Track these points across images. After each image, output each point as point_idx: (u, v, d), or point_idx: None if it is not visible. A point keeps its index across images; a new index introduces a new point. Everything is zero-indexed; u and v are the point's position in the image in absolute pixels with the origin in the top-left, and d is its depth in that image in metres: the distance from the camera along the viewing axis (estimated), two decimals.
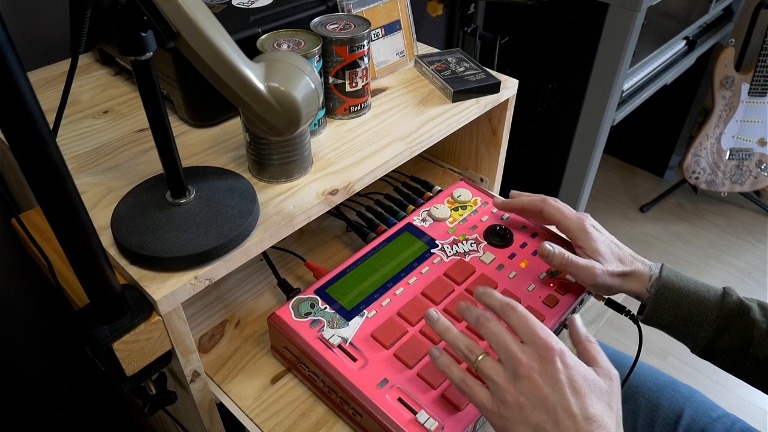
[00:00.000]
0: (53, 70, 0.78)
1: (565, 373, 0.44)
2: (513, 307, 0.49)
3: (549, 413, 0.43)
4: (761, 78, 1.72)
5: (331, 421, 0.58)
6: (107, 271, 0.44)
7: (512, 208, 0.70)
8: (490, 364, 0.47)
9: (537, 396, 0.44)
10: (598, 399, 0.44)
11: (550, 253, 0.61)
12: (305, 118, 0.47)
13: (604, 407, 0.44)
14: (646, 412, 0.73)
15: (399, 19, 0.77)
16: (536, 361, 0.45)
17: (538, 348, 0.46)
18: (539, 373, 0.45)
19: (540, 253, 0.63)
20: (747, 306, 0.58)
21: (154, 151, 0.50)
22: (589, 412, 0.43)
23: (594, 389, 0.45)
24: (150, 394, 0.55)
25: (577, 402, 0.43)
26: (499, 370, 0.47)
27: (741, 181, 1.90)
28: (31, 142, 0.34)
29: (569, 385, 0.44)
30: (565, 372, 0.44)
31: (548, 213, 0.65)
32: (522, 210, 0.69)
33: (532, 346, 0.46)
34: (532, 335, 0.47)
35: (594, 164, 1.44)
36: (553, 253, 0.61)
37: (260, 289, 0.73)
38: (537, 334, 0.46)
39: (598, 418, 0.43)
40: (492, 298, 0.51)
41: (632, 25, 1.19)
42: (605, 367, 0.48)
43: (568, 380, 0.44)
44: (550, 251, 0.61)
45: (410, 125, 0.69)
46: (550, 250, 0.62)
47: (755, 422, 0.74)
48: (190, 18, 0.41)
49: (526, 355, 0.46)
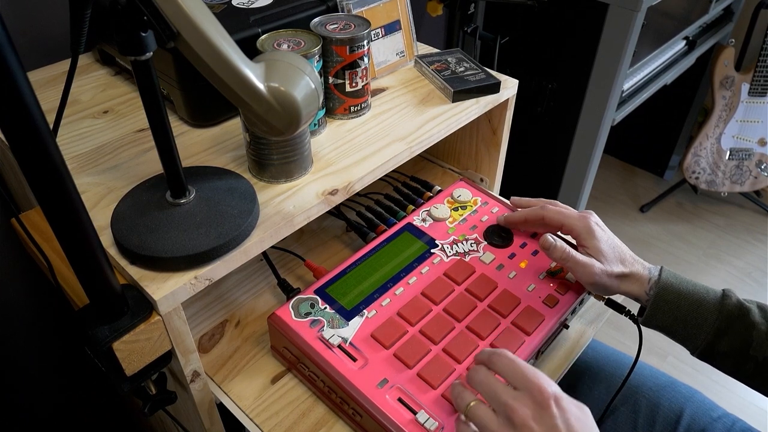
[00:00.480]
0: (53, 70, 0.78)
1: (561, 417, 0.44)
2: (499, 354, 0.49)
3: None
4: (761, 78, 1.72)
5: (331, 421, 0.58)
6: (107, 271, 0.44)
7: (516, 223, 0.69)
8: (482, 411, 0.47)
9: None
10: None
11: (551, 246, 0.61)
12: (305, 118, 0.47)
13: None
14: (647, 412, 0.73)
15: (399, 19, 0.77)
16: (531, 408, 0.45)
17: (532, 393, 0.45)
18: (535, 420, 0.44)
19: (541, 245, 0.63)
20: (747, 308, 0.57)
21: (154, 151, 0.50)
22: None
23: (586, 427, 0.45)
24: (150, 394, 0.55)
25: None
26: (491, 419, 0.46)
27: (741, 181, 1.90)
28: (31, 142, 0.34)
29: (566, 430, 0.44)
30: (561, 416, 0.45)
31: (550, 218, 0.65)
32: (525, 222, 0.69)
33: (525, 392, 0.46)
34: (524, 380, 0.46)
35: (594, 164, 1.44)
36: (555, 246, 0.61)
37: (260, 289, 0.73)
38: (529, 379, 0.46)
39: None
40: (480, 354, 0.52)
41: (632, 25, 1.19)
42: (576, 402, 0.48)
43: (564, 424, 0.44)
44: (551, 243, 0.62)
45: (410, 125, 0.69)
46: (551, 242, 0.62)
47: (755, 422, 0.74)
48: (190, 18, 0.41)
49: (520, 402, 0.45)
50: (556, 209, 0.65)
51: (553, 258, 0.62)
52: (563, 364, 0.65)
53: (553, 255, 0.62)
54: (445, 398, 0.54)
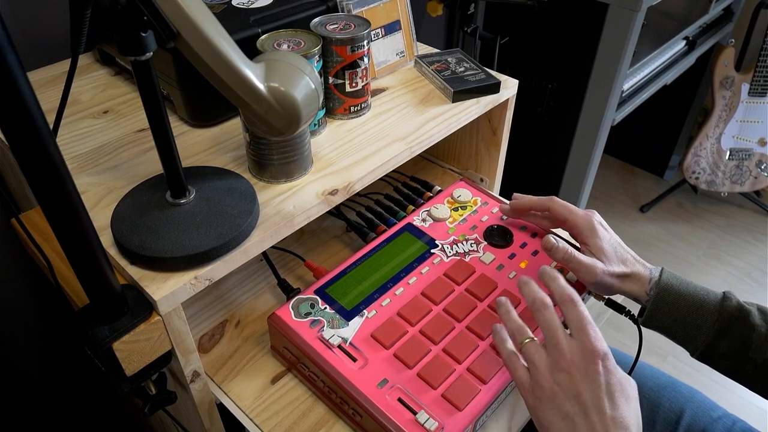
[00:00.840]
0: (53, 70, 0.78)
1: (605, 376, 0.47)
2: (574, 302, 0.50)
3: (580, 406, 0.46)
4: (761, 78, 1.72)
5: (331, 421, 0.58)
6: (107, 271, 0.44)
7: (520, 209, 0.70)
8: (535, 349, 0.50)
9: (572, 389, 0.46)
10: (627, 404, 0.47)
11: (553, 246, 0.62)
12: (305, 118, 0.47)
13: (631, 412, 0.47)
14: (647, 413, 0.73)
15: (399, 19, 0.77)
16: (579, 358, 0.47)
17: (584, 349, 0.47)
18: (579, 370, 0.47)
19: (543, 245, 0.63)
20: (747, 310, 0.57)
21: (154, 151, 0.50)
22: (617, 414, 0.46)
23: (625, 394, 0.47)
24: (150, 394, 0.55)
25: (610, 404, 0.46)
26: (542, 356, 0.49)
27: (741, 181, 1.90)
28: (31, 142, 0.34)
29: (606, 389, 0.46)
30: (605, 375, 0.47)
31: (556, 210, 0.65)
32: (530, 209, 0.69)
33: (580, 343, 0.48)
34: (583, 335, 0.48)
35: (594, 164, 1.44)
36: (557, 247, 0.61)
37: (260, 289, 0.73)
38: (588, 336, 0.48)
39: (624, 421, 0.45)
40: (555, 284, 0.53)
41: (632, 25, 1.19)
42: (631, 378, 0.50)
43: (606, 383, 0.46)
44: (553, 244, 0.62)
45: (410, 125, 0.69)
46: (554, 243, 0.62)
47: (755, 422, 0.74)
48: (190, 18, 0.41)
49: (572, 351, 0.48)
50: (563, 203, 0.66)
51: (556, 259, 0.62)
52: None
53: (556, 256, 0.62)
54: (445, 398, 0.54)
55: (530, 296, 0.52)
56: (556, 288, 0.52)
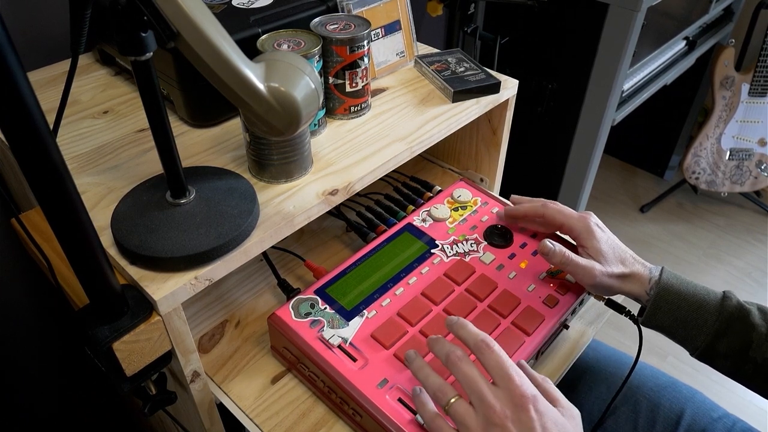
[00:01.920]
0: (53, 70, 0.78)
1: (539, 421, 0.45)
2: (489, 346, 0.49)
3: None
4: (761, 78, 1.72)
5: (331, 421, 0.58)
6: (107, 271, 0.44)
7: (515, 218, 0.70)
8: (463, 409, 0.47)
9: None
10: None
11: (550, 251, 0.61)
12: (305, 118, 0.47)
13: None
14: (647, 413, 0.73)
15: (399, 19, 0.77)
16: (510, 408, 0.45)
17: (512, 395, 0.46)
18: (513, 422, 0.45)
19: (540, 250, 0.63)
20: (747, 310, 0.57)
21: (154, 151, 0.50)
22: None
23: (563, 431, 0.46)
24: (150, 394, 0.55)
25: None
26: (471, 416, 0.47)
27: (741, 181, 1.90)
28: (31, 142, 0.34)
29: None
30: (539, 420, 0.45)
31: (550, 216, 0.65)
32: (524, 217, 0.69)
33: (506, 391, 0.46)
34: (507, 381, 0.47)
35: (594, 164, 1.44)
36: (554, 251, 0.61)
37: (260, 289, 0.73)
38: (512, 380, 0.46)
39: None
40: (465, 331, 0.51)
41: (632, 25, 1.19)
42: (567, 407, 0.49)
43: (541, 428, 0.45)
44: (550, 249, 0.62)
45: (410, 125, 0.69)
46: (550, 247, 0.62)
47: (756, 422, 0.74)
48: (190, 18, 0.41)
49: (500, 402, 0.46)
50: (557, 208, 0.65)
51: (553, 263, 0.62)
52: (563, 364, 0.65)
53: (553, 260, 0.62)
54: None
55: (442, 352, 0.50)
56: (467, 336, 0.50)
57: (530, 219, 0.69)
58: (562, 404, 0.49)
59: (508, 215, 0.70)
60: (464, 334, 0.51)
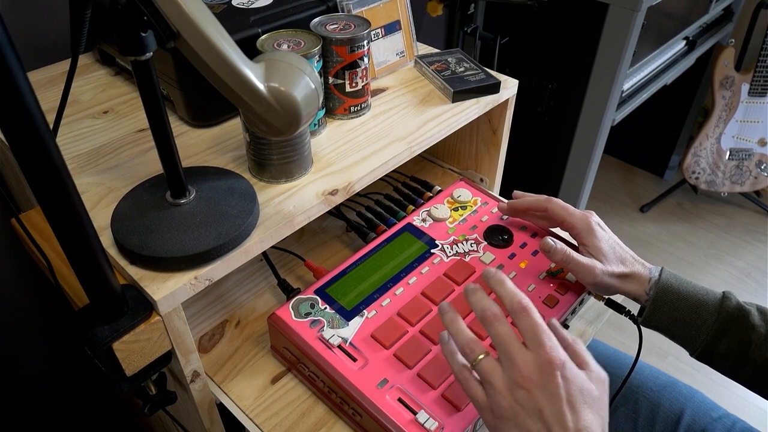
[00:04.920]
0: (53, 70, 0.78)
1: (564, 387, 0.45)
2: (526, 310, 0.47)
3: (543, 422, 0.44)
4: (761, 78, 1.72)
5: (331, 421, 0.58)
6: (107, 271, 0.44)
7: (518, 210, 0.70)
8: (490, 367, 0.47)
9: (533, 407, 0.45)
10: (590, 409, 0.45)
11: (552, 248, 0.62)
12: (305, 118, 0.47)
13: (594, 417, 0.45)
14: (647, 412, 0.73)
15: (399, 19, 0.77)
16: (537, 373, 0.45)
17: (542, 360, 0.45)
18: (538, 386, 0.45)
19: (542, 247, 0.63)
20: (746, 310, 0.57)
21: (154, 151, 0.50)
22: (580, 424, 0.44)
23: (588, 400, 0.45)
24: (150, 394, 0.55)
25: (572, 416, 0.44)
26: (498, 374, 0.47)
27: (741, 181, 1.90)
28: (31, 142, 0.34)
29: (566, 400, 0.44)
30: (564, 386, 0.45)
31: (553, 211, 0.65)
32: (527, 210, 0.69)
33: (536, 356, 0.46)
34: (538, 345, 0.46)
35: (594, 164, 1.44)
36: (555, 249, 0.61)
37: (260, 289, 0.73)
38: (543, 347, 0.46)
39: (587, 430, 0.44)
40: (504, 289, 0.49)
41: (632, 25, 1.19)
42: (596, 371, 0.48)
43: (566, 395, 0.45)
44: (552, 246, 0.62)
45: (410, 125, 0.69)
46: (552, 245, 0.62)
47: (756, 422, 0.74)
48: (190, 18, 0.41)
49: (529, 366, 0.45)
50: (561, 204, 0.65)
51: (554, 260, 0.62)
52: None
53: (554, 258, 0.62)
54: (445, 398, 0.54)
55: (479, 307, 0.49)
56: (506, 294, 0.48)
57: (532, 212, 0.69)
58: (591, 367, 0.48)
59: (511, 208, 0.70)
60: (502, 292, 0.49)
